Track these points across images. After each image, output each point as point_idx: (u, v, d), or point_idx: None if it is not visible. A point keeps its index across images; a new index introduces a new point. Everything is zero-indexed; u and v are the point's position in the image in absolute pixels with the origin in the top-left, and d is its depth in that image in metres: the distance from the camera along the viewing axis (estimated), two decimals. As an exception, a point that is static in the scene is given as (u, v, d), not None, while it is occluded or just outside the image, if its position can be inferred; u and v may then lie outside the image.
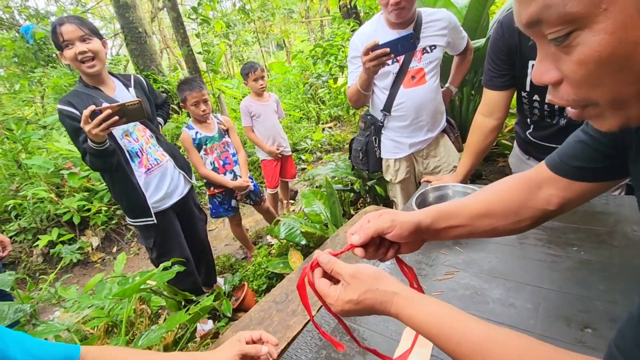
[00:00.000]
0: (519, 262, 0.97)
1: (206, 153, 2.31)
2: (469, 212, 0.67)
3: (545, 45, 0.39)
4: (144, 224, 1.78)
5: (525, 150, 1.45)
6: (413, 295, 0.53)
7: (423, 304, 0.52)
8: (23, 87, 5.58)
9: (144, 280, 1.32)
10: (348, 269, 0.56)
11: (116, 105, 1.38)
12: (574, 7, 0.33)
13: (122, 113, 1.39)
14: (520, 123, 1.42)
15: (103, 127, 1.36)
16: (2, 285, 1.31)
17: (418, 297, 0.53)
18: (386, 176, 1.95)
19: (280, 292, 1.45)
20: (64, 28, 1.48)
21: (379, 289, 0.53)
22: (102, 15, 8.58)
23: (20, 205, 3.35)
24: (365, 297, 0.53)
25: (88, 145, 1.45)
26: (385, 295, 0.53)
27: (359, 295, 0.53)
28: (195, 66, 4.13)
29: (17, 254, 3.20)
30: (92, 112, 1.35)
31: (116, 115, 1.37)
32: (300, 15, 10.56)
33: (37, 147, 3.95)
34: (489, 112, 1.37)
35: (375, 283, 0.54)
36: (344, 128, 6.00)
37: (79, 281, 3.08)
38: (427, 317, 0.50)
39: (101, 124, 1.36)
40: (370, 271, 0.56)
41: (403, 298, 0.52)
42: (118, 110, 1.38)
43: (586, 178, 0.61)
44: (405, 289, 0.54)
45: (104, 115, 1.35)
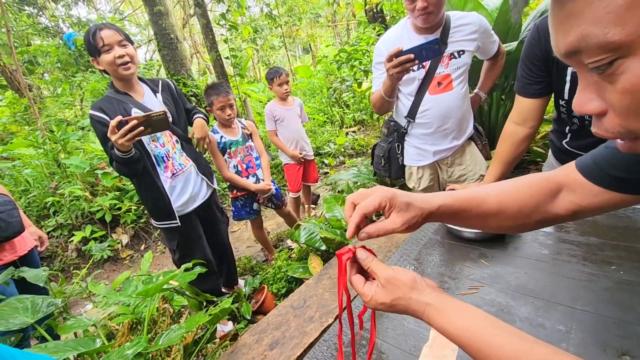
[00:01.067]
0: (550, 280, 0.91)
1: (230, 156, 2.35)
2: (482, 210, 0.64)
3: (587, 74, 0.37)
4: (168, 226, 1.83)
5: (561, 160, 1.37)
6: (446, 307, 0.52)
7: (457, 316, 0.51)
8: (65, 90, 5.93)
9: (167, 280, 1.36)
10: (384, 272, 0.56)
11: (142, 116, 1.42)
12: (617, 35, 0.31)
13: (147, 124, 1.42)
14: (556, 132, 1.34)
15: (129, 137, 1.40)
16: (37, 280, 1.38)
17: (452, 308, 0.52)
18: (409, 183, 1.90)
19: (299, 298, 1.45)
20: (104, 33, 1.53)
21: (412, 297, 0.54)
22: (138, 22, 8.99)
23: (58, 203, 3.54)
24: (397, 302, 0.54)
25: (114, 153, 1.50)
26: (418, 304, 0.53)
27: (392, 300, 0.54)
28: (223, 71, 4.24)
29: (54, 249, 3.38)
30: (119, 123, 1.39)
31: (142, 125, 1.41)
32: (327, 19, 10.61)
33: (75, 148, 4.17)
34: (521, 121, 1.30)
35: (409, 292, 0.54)
36: (368, 132, 5.95)
37: (109, 277, 3.21)
38: (461, 332, 0.49)
39: (127, 134, 1.39)
40: (406, 278, 0.55)
41: (436, 310, 0.52)
42: (144, 121, 1.41)
43: (623, 189, 0.57)
44: (439, 298, 0.53)
45: (129, 126, 1.39)
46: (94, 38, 1.53)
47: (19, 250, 1.77)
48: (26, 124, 6.39)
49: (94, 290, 1.68)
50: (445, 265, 1.06)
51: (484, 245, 1.11)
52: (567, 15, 0.35)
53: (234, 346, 1.32)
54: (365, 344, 0.86)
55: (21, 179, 3.86)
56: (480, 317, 0.50)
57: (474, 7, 2.30)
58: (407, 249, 1.19)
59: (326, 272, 1.58)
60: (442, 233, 1.23)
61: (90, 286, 1.65)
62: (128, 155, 1.50)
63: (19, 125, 6.53)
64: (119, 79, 1.65)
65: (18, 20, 5.80)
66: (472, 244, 1.13)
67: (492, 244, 1.10)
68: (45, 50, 5.76)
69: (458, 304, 0.53)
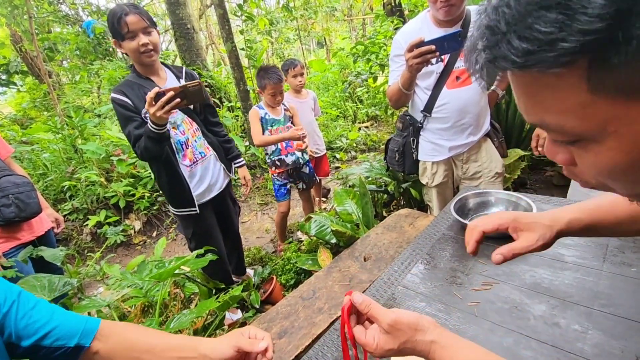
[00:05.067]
0: (567, 279, 0.89)
1: (271, 134, 2.44)
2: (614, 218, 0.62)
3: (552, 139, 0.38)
4: (187, 213, 1.83)
5: None
6: (451, 344, 0.54)
7: (460, 353, 0.53)
8: (83, 78, 6.03)
9: (179, 265, 1.38)
10: (386, 317, 0.56)
11: (178, 87, 1.40)
12: (576, 128, 0.32)
13: (183, 95, 1.41)
14: None
15: (167, 109, 1.39)
16: (54, 260, 1.42)
17: (456, 345, 0.54)
18: (422, 179, 1.89)
19: (308, 289, 1.45)
20: (130, 19, 1.50)
21: (418, 339, 0.55)
22: (155, 12, 9.06)
23: (74, 187, 3.62)
24: (404, 347, 0.55)
25: (148, 129, 1.48)
26: (424, 345, 0.54)
27: (399, 345, 0.55)
28: (238, 62, 4.24)
29: (70, 232, 3.46)
30: (157, 94, 1.38)
31: (178, 97, 1.40)
32: (343, 13, 10.52)
33: (91, 134, 4.25)
34: None
35: (414, 334, 0.55)
36: (381, 128, 5.90)
37: (121, 261, 3.28)
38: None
39: (164, 106, 1.39)
40: (409, 320, 0.56)
41: (441, 347, 0.54)
42: (180, 92, 1.40)
43: None
44: (443, 335, 0.55)
45: (167, 97, 1.37)
46: (119, 23, 1.50)
47: (37, 231, 1.81)
48: (45, 110, 6.54)
49: (108, 272, 1.71)
50: (458, 261, 1.05)
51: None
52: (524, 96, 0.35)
53: (242, 333, 1.33)
54: None
55: (39, 162, 3.95)
56: (481, 354, 0.53)
57: (496, 2, 2.24)
58: (420, 243, 1.18)
59: (336, 265, 1.58)
60: (456, 229, 1.22)
61: (105, 267, 1.68)
62: (162, 130, 1.49)
63: (39, 110, 6.69)
64: (142, 65, 1.64)
65: (40, 8, 5.90)
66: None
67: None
68: (65, 37, 5.85)
69: (458, 339, 0.55)
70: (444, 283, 0.97)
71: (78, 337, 0.69)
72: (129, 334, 0.76)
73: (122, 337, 0.75)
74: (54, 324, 0.68)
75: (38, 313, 0.69)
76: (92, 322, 0.73)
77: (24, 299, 0.69)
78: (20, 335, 0.66)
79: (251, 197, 4.13)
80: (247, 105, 4.38)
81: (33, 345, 0.66)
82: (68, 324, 0.70)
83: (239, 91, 4.38)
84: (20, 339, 0.66)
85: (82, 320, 0.72)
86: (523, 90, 0.34)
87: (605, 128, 0.30)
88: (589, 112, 0.30)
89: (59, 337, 0.68)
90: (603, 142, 0.31)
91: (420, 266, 1.07)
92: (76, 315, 0.73)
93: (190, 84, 1.41)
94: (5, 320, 0.65)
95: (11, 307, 0.67)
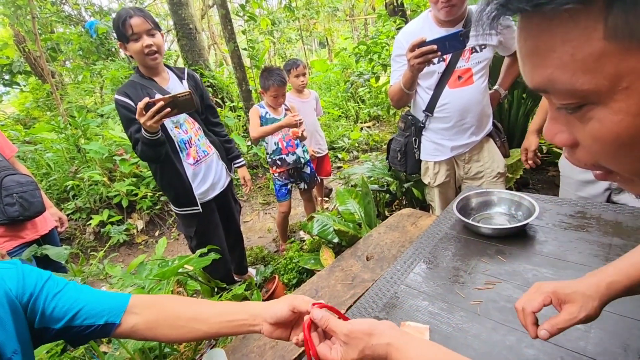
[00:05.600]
0: (570, 279, 0.89)
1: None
2: None
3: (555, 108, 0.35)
4: (189, 212, 1.84)
5: None
6: (403, 345, 0.55)
7: (415, 352, 0.54)
8: (85, 78, 6.06)
9: (182, 264, 1.39)
10: (342, 328, 0.58)
11: (168, 97, 1.43)
12: (585, 84, 0.29)
13: (173, 104, 1.43)
14: None
15: (156, 118, 1.41)
16: (59, 258, 1.43)
17: (410, 344, 0.55)
18: (424, 179, 1.89)
19: (310, 288, 1.46)
20: (134, 21, 1.53)
21: (374, 343, 0.56)
22: (157, 12, 9.08)
23: (77, 187, 3.64)
24: (365, 353, 0.56)
25: (142, 135, 1.51)
26: (380, 348, 0.56)
27: (359, 354, 0.57)
28: (240, 62, 4.25)
29: (73, 231, 3.48)
30: (146, 105, 1.40)
31: (168, 106, 1.42)
32: (345, 13, 10.52)
33: (94, 134, 4.26)
34: None
35: (370, 339, 0.56)
36: (383, 128, 5.90)
37: (124, 260, 3.29)
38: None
39: (154, 115, 1.41)
40: (364, 327, 0.58)
41: (396, 349, 0.55)
42: (170, 102, 1.42)
43: None
44: (399, 337, 0.56)
45: (157, 107, 1.40)
46: (123, 25, 1.53)
47: (40, 230, 1.82)
48: (48, 110, 6.56)
49: (110, 272, 1.72)
50: (460, 260, 1.05)
51: (502, 242, 1.09)
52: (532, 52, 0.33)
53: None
54: None
55: (43, 162, 3.97)
56: (437, 351, 0.54)
57: (498, 1, 2.24)
58: (422, 243, 1.19)
59: (338, 265, 1.59)
60: (459, 228, 1.22)
61: (107, 268, 1.69)
62: (155, 137, 1.51)
63: (42, 110, 6.72)
64: (145, 66, 1.67)
65: (43, 8, 5.92)
66: (489, 240, 1.11)
67: (510, 241, 1.09)
68: (68, 38, 5.87)
69: (414, 339, 0.56)
70: (447, 282, 0.98)
71: (107, 315, 0.71)
72: (172, 303, 0.77)
73: (164, 307, 0.75)
74: (82, 304, 0.70)
75: (66, 295, 0.70)
76: (121, 299, 0.74)
77: (53, 282, 0.71)
78: (52, 318, 0.68)
79: (253, 197, 4.14)
80: (249, 105, 4.38)
81: (64, 326, 0.69)
82: (96, 303, 0.72)
83: (241, 91, 4.39)
84: (52, 322, 0.68)
85: (111, 298, 0.73)
86: (532, 42, 0.32)
87: (618, 84, 0.28)
88: (602, 64, 0.28)
89: (87, 316, 0.70)
90: (610, 105, 0.29)
91: (422, 265, 1.07)
92: (106, 293, 0.74)
93: (180, 93, 1.44)
94: (36, 303, 0.67)
95: (41, 291, 0.69)
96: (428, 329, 0.82)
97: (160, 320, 0.74)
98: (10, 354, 0.64)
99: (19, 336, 0.66)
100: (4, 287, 0.66)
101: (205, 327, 0.72)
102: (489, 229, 1.12)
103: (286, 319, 0.68)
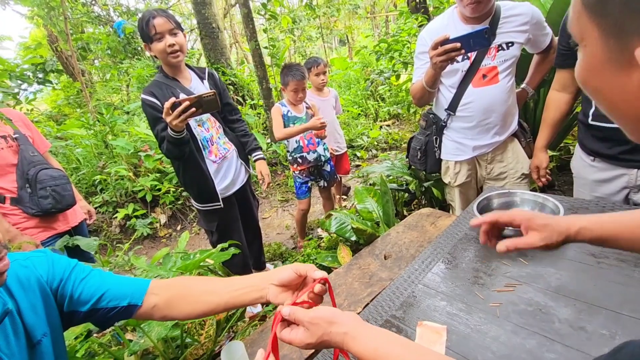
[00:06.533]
0: (594, 283, 0.87)
1: None
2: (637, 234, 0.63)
3: None
4: (211, 208, 1.89)
5: (589, 149, 1.33)
6: (359, 334, 0.58)
7: (368, 339, 0.57)
8: (113, 76, 6.27)
9: (204, 258, 1.43)
10: (306, 316, 0.62)
11: (194, 97, 1.47)
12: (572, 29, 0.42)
13: (198, 104, 1.47)
14: (584, 104, 1.33)
15: (182, 118, 1.46)
16: (89, 248, 1.50)
17: (364, 334, 0.58)
18: (444, 178, 1.86)
19: (328, 285, 1.47)
20: (157, 21, 1.59)
21: (332, 331, 0.60)
22: (181, 12, 9.29)
23: (104, 181, 3.79)
24: (322, 339, 0.60)
25: (167, 134, 1.57)
26: (337, 336, 0.59)
27: (317, 339, 0.60)
28: (261, 60, 4.30)
29: (100, 223, 3.63)
30: (173, 104, 1.45)
31: (193, 106, 1.46)
32: (366, 10, 10.44)
33: (121, 130, 4.42)
34: (561, 88, 1.46)
35: (329, 327, 0.60)
36: (403, 127, 5.84)
37: (147, 253, 3.41)
38: (369, 352, 0.57)
39: (180, 115, 1.46)
40: (326, 315, 0.61)
41: (351, 337, 0.58)
42: (195, 102, 1.47)
43: None
44: (353, 326, 0.59)
45: (182, 107, 1.45)
46: (147, 26, 1.59)
47: (71, 222, 1.91)
48: (78, 107, 6.84)
49: (135, 264, 1.79)
50: (480, 261, 1.04)
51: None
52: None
53: (263, 325, 1.37)
54: None
55: (73, 157, 4.15)
56: (389, 338, 0.57)
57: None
58: (441, 243, 1.18)
59: (356, 263, 1.59)
60: (479, 229, 1.20)
61: (132, 259, 1.76)
62: (180, 135, 1.56)
63: (72, 107, 7.00)
64: (169, 66, 1.72)
65: (74, 9, 6.17)
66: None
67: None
68: (97, 37, 6.10)
69: (371, 329, 0.59)
70: (466, 283, 0.97)
71: (129, 297, 0.77)
72: (187, 282, 0.84)
73: (181, 285, 0.82)
74: (106, 288, 0.77)
75: (92, 280, 0.77)
76: (143, 283, 0.80)
77: (80, 269, 0.78)
78: (79, 301, 0.75)
79: (272, 194, 4.19)
80: (269, 103, 4.43)
81: (90, 309, 0.75)
82: (119, 286, 0.78)
83: (262, 89, 4.44)
84: (79, 305, 0.75)
85: (133, 282, 0.80)
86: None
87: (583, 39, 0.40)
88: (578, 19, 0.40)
89: (112, 299, 0.76)
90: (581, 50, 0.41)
91: (441, 265, 1.06)
92: (128, 278, 0.81)
93: (205, 94, 1.48)
94: (65, 288, 0.74)
95: (69, 277, 0.75)
96: (445, 329, 0.82)
97: (177, 297, 0.80)
98: (40, 336, 0.69)
99: (49, 320, 0.72)
100: (36, 273, 0.72)
101: (217, 298, 0.78)
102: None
103: (290, 281, 0.73)
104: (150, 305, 0.78)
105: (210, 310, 0.79)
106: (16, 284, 0.69)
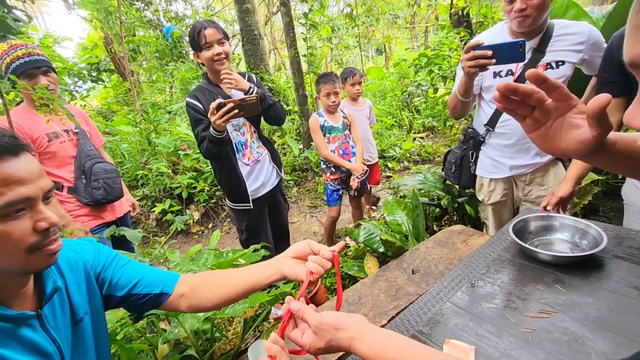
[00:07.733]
0: (635, 317, 0.83)
1: (329, 141, 2.55)
2: None
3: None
4: (242, 208, 1.99)
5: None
6: (366, 335, 0.61)
7: (372, 341, 0.59)
8: (159, 77, 6.65)
9: (237, 257, 1.49)
10: (314, 320, 0.65)
11: (237, 100, 1.60)
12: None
13: (241, 107, 1.60)
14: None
15: (225, 118, 1.58)
16: (133, 239, 1.61)
17: (370, 335, 0.60)
18: (478, 195, 1.83)
19: (353, 294, 1.48)
20: (207, 32, 1.72)
21: (339, 337, 0.62)
22: (225, 19, 9.69)
23: (146, 176, 4.01)
24: (330, 344, 0.63)
25: (209, 133, 1.68)
26: (344, 341, 0.62)
27: (325, 344, 0.63)
28: (299, 68, 4.41)
29: (139, 216, 3.84)
30: (218, 105, 1.58)
31: (236, 108, 1.59)
32: (405, 20, 10.39)
33: (163, 129, 4.67)
34: None
35: (336, 333, 0.63)
36: (437, 140, 5.74)
37: (180, 248, 3.56)
38: (374, 353, 0.58)
39: (224, 115, 1.58)
40: (333, 321, 0.64)
41: (357, 340, 0.61)
42: (238, 105, 1.59)
43: None
44: (360, 330, 0.62)
45: (227, 109, 1.58)
46: (198, 36, 1.72)
47: (117, 213, 2.06)
48: (125, 105, 7.29)
49: (170, 257, 1.89)
50: (514, 285, 1.02)
51: (561, 270, 1.04)
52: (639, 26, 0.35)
53: (289, 328, 1.40)
54: None
55: (118, 152, 4.44)
56: (394, 338, 0.59)
57: (576, 15, 2.11)
58: (473, 262, 1.16)
59: (383, 274, 1.59)
60: (514, 251, 1.18)
61: (167, 253, 1.86)
62: (221, 135, 1.68)
63: (120, 105, 7.48)
64: (213, 72, 1.83)
65: (128, 14, 6.62)
66: (547, 267, 1.06)
67: (571, 270, 1.03)
68: (147, 40, 6.50)
69: (376, 330, 0.61)
70: (497, 305, 0.95)
71: (162, 285, 0.86)
72: (211, 272, 0.94)
73: (204, 275, 0.92)
74: (142, 275, 0.86)
75: (129, 268, 0.87)
76: (173, 275, 0.91)
77: (119, 258, 0.88)
78: (117, 286, 0.84)
79: (301, 199, 4.25)
80: (304, 110, 4.52)
81: (126, 293, 0.84)
82: (153, 275, 0.88)
83: (298, 96, 4.55)
84: (116, 289, 0.84)
85: (165, 273, 0.90)
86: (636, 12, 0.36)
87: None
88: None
89: (146, 285, 0.85)
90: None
91: (471, 285, 1.05)
92: (160, 270, 0.91)
93: (248, 97, 1.60)
94: (106, 273, 0.84)
95: (110, 264, 0.85)
96: (474, 350, 0.81)
97: (202, 285, 0.88)
98: (82, 314, 0.79)
99: (91, 300, 0.81)
100: (83, 258, 0.83)
101: (237, 281, 0.86)
102: (548, 255, 1.07)
103: (304, 254, 0.81)
104: (179, 294, 0.87)
105: (229, 293, 0.87)
106: (66, 265, 0.79)
